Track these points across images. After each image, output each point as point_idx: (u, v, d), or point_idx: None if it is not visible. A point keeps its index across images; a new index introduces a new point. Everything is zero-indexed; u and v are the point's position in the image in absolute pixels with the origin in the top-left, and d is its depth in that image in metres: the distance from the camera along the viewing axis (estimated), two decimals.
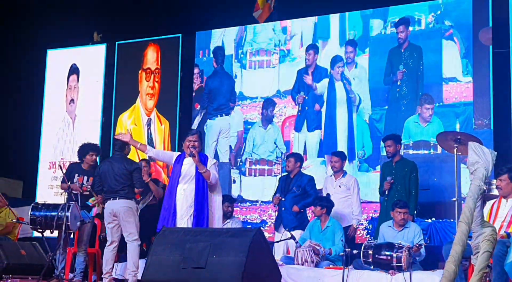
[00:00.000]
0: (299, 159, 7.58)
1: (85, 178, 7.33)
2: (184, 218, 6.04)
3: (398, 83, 8.33)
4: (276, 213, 7.59)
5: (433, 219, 7.73)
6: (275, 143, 8.99)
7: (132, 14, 10.41)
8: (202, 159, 6.19)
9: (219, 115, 9.48)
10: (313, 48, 8.98)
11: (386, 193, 7.00)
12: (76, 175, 7.34)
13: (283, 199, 7.30)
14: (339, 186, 7.41)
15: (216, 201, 6.24)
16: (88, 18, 10.62)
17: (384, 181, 7.02)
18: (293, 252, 6.78)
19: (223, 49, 9.58)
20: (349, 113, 8.58)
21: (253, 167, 9.10)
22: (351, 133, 8.52)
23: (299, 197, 7.29)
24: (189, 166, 6.17)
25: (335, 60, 8.78)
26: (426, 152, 8.02)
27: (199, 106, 9.60)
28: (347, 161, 7.90)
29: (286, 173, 7.67)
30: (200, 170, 6.09)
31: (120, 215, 6.65)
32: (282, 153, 8.81)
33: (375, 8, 8.63)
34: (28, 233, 9.40)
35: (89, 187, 7.25)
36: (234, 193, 9.05)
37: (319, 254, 6.46)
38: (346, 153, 8.03)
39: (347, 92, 8.65)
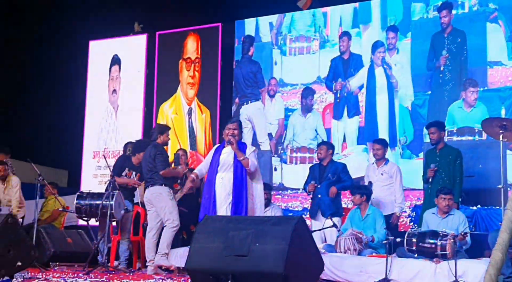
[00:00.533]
0: (330, 146, 7.51)
1: (134, 173, 7.43)
2: (223, 206, 6.02)
3: (441, 68, 8.19)
4: (310, 201, 7.53)
5: (479, 206, 7.60)
6: (316, 131, 8.94)
7: (172, 4, 10.46)
8: (241, 147, 6.18)
9: (245, 103, 9.49)
10: (346, 35, 8.90)
11: (430, 180, 6.88)
12: (127, 169, 7.43)
13: (318, 186, 7.25)
14: (381, 174, 7.33)
15: (257, 188, 6.23)
16: (129, 9, 10.72)
17: (428, 168, 6.91)
18: (332, 240, 6.76)
19: (252, 37, 9.57)
20: (389, 99, 8.48)
21: (294, 154, 9.08)
22: (392, 120, 8.41)
23: (334, 184, 7.23)
24: (227, 154, 6.16)
25: (376, 45, 8.68)
26: (470, 138, 7.88)
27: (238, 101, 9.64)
28: (389, 148, 7.81)
29: (318, 162, 7.57)
30: (238, 158, 6.07)
31: (153, 202, 6.75)
32: (323, 140, 8.74)
33: None
34: (73, 221, 9.60)
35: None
36: (276, 180, 9.05)
37: (362, 241, 6.42)
38: (387, 140, 7.93)
39: (388, 77, 8.54)
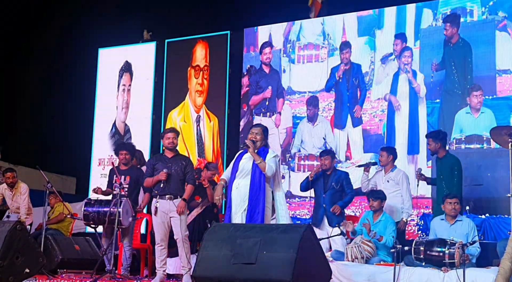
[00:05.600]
0: (334, 155, 7.57)
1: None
2: (238, 213, 5.86)
3: (450, 77, 8.17)
4: (322, 208, 7.46)
5: (487, 215, 7.57)
6: (324, 139, 8.93)
7: (181, 12, 10.51)
8: (263, 152, 6.02)
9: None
10: (347, 45, 8.89)
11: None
12: None
13: (324, 196, 7.21)
14: (388, 181, 7.32)
15: (278, 196, 6.09)
16: (138, 17, 10.78)
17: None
18: (339, 248, 6.78)
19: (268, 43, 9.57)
20: (410, 105, 8.43)
21: (302, 162, 9.07)
22: (414, 127, 8.34)
23: (338, 194, 7.24)
24: (247, 160, 6.01)
25: (402, 51, 8.59)
26: (479, 146, 7.85)
27: (246, 107, 9.61)
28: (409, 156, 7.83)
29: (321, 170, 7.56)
30: (256, 161, 5.91)
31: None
32: (331, 148, 8.74)
33: (426, 1, 8.48)
34: (81, 229, 9.62)
35: None
36: (283, 188, 9.01)
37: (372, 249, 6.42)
38: (405, 147, 7.95)
39: (410, 83, 8.49)
